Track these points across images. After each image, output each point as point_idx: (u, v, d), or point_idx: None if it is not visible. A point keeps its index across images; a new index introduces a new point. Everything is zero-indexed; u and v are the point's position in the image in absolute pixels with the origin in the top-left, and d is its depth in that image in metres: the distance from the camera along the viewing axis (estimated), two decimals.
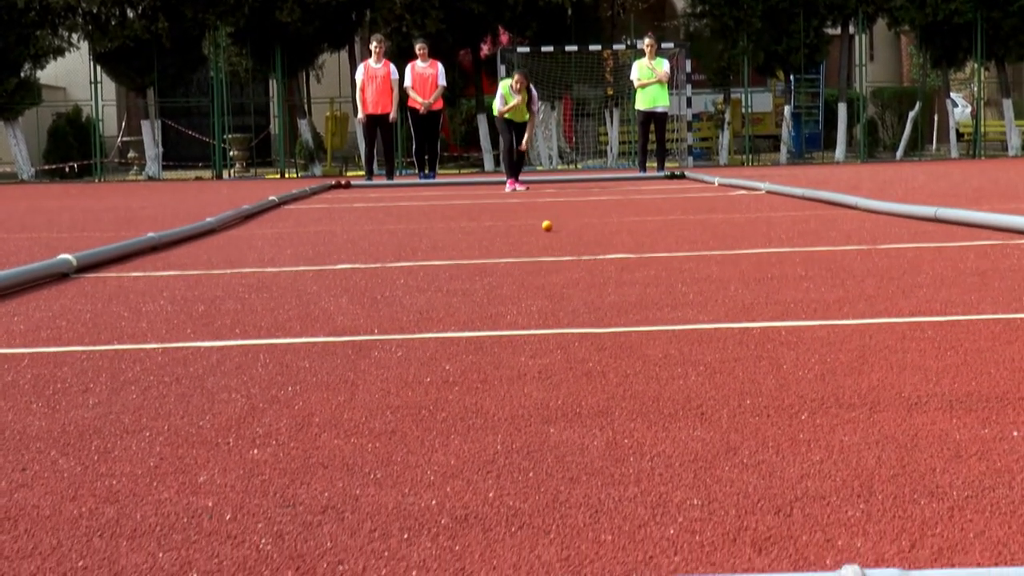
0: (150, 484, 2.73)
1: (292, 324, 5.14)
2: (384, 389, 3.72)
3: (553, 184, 20.71)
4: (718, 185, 17.98)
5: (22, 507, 2.58)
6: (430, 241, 9.34)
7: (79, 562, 2.23)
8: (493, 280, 6.53)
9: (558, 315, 5.18)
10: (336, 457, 2.92)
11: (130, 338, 4.88)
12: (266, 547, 2.28)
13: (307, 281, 6.77)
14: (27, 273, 6.70)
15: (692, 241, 8.66)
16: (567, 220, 11.34)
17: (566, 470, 2.74)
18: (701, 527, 2.31)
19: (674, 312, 5.16)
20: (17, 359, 4.44)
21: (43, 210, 15.76)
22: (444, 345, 4.49)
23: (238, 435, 3.18)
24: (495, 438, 3.06)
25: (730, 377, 3.74)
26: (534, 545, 2.25)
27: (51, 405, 3.62)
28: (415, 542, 2.29)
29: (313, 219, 12.69)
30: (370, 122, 22.24)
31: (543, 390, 3.63)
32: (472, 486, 2.64)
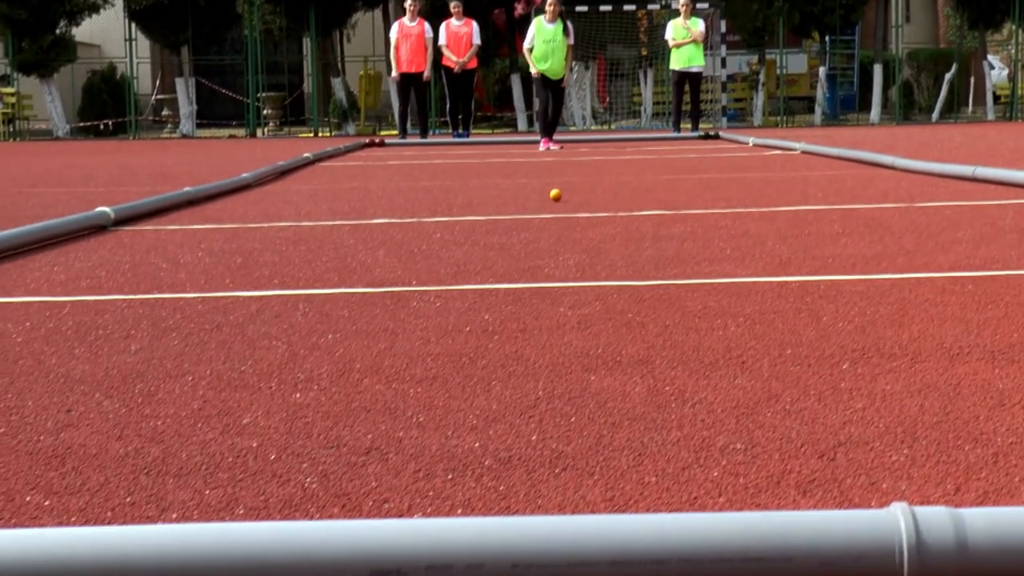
0: (194, 425, 2.75)
1: (330, 275, 5.16)
2: (424, 338, 3.73)
3: (587, 143, 20.66)
4: (753, 145, 17.91)
5: (68, 446, 2.60)
6: (465, 197, 9.34)
7: (127, 498, 2.25)
8: (529, 235, 6.53)
9: (596, 268, 5.17)
10: (378, 401, 2.93)
11: (169, 288, 4.90)
12: (311, 486, 2.30)
13: (344, 235, 6.78)
14: (66, 225, 6.73)
15: (728, 198, 8.63)
16: (602, 178, 11.32)
17: (608, 415, 2.75)
18: (745, 470, 2.32)
19: (712, 266, 5.15)
20: (58, 307, 4.47)
21: (79, 166, 15.82)
22: (482, 296, 4.50)
23: (280, 380, 3.19)
24: (536, 384, 3.07)
25: (770, 328, 3.74)
26: (578, 486, 2.25)
27: (93, 350, 3.65)
28: (459, 482, 2.30)
29: (348, 176, 12.71)
30: (404, 81, 22.22)
31: (583, 339, 3.63)
32: (515, 429, 2.65)
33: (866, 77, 35.30)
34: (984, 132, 23.36)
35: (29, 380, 3.25)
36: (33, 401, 3.01)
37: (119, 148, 23.03)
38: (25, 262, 5.76)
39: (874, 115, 32.65)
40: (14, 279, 5.20)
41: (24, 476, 2.39)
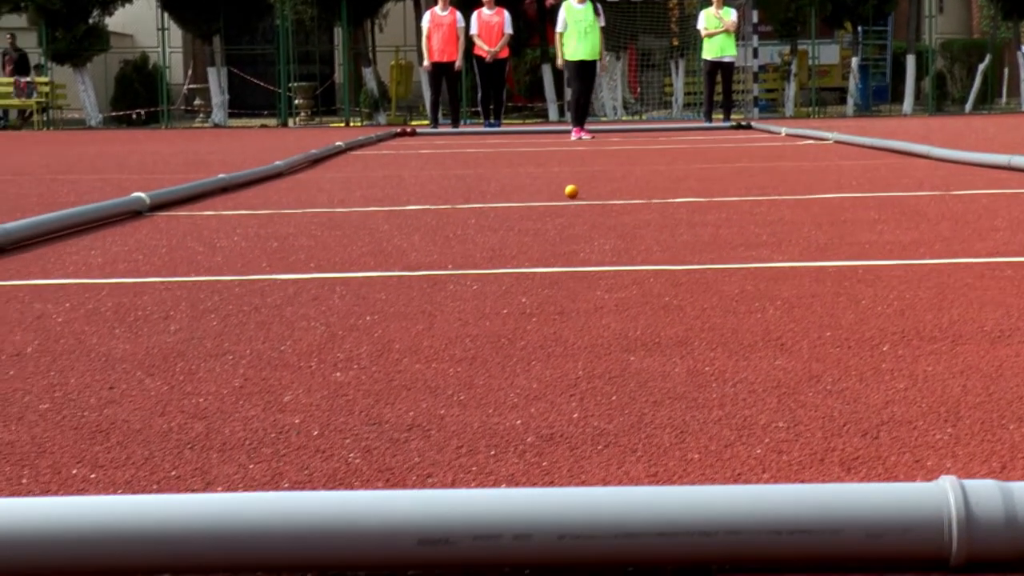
0: (236, 402, 2.76)
1: (366, 259, 5.17)
2: (462, 319, 3.73)
3: (618, 133, 20.63)
4: (785, 135, 17.85)
5: (112, 421, 2.62)
6: (498, 185, 9.34)
7: (172, 471, 2.26)
8: (563, 221, 6.53)
9: (631, 253, 5.17)
10: (418, 380, 2.94)
11: (206, 271, 4.92)
12: (355, 461, 2.31)
13: (378, 220, 6.80)
14: (102, 210, 6.76)
15: (762, 186, 8.61)
16: (634, 166, 11.31)
17: (649, 394, 2.75)
18: (788, 447, 2.31)
19: (748, 251, 5.14)
20: (97, 288, 4.49)
21: (112, 154, 15.89)
22: (519, 280, 4.50)
23: (320, 359, 3.20)
24: (576, 365, 3.07)
25: (808, 312, 3.73)
26: (621, 462, 2.25)
27: (133, 330, 3.67)
28: (502, 458, 2.30)
29: (380, 164, 12.73)
30: (435, 70, 22.23)
31: (621, 321, 3.63)
32: (556, 408, 2.65)
33: (899, 68, 35.14)
34: (1018, 123, 23.22)
35: (71, 359, 3.27)
36: (75, 379, 3.03)
37: (151, 137, 23.11)
38: (63, 246, 5.79)
39: (907, 106, 32.50)
40: (52, 262, 5.23)
41: (70, 450, 2.41)
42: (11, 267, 5.09)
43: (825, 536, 1.69)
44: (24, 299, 4.27)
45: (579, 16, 17.91)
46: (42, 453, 2.39)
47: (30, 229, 5.83)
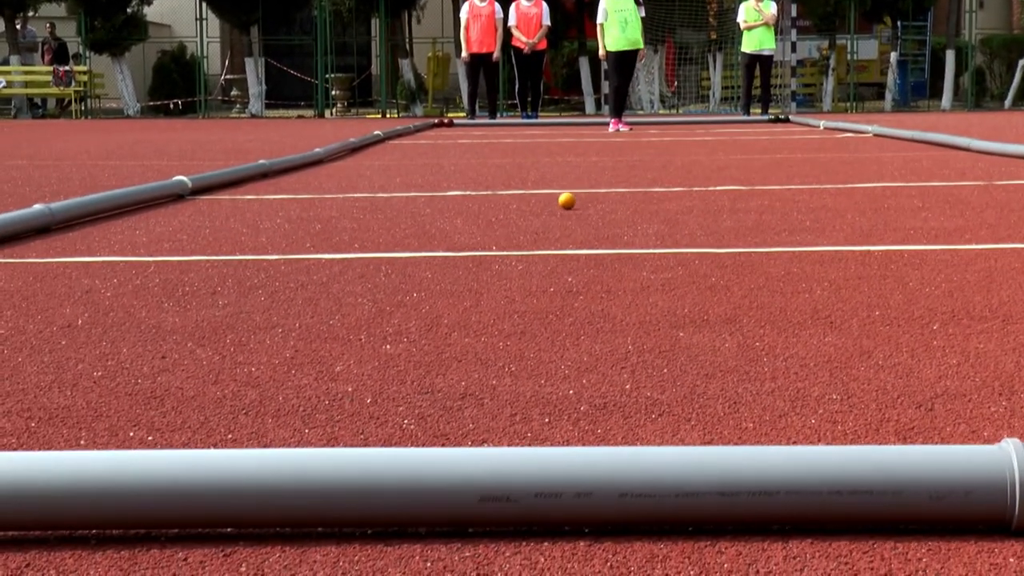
0: (288, 372, 2.78)
1: (410, 241, 5.18)
2: (508, 297, 3.74)
3: (656, 126, 20.60)
4: (824, 128, 17.78)
5: (166, 389, 2.64)
6: (538, 173, 9.34)
7: (228, 435, 2.28)
8: (606, 207, 6.53)
9: (675, 236, 5.17)
10: (468, 352, 2.95)
11: (251, 250, 4.94)
12: (409, 427, 2.32)
13: (420, 205, 6.81)
14: (145, 192, 6.80)
15: (802, 176, 8.58)
16: (673, 157, 11.29)
17: (700, 368, 2.75)
18: (842, 418, 2.31)
19: (792, 236, 5.13)
20: (143, 266, 4.52)
21: (150, 141, 15.96)
22: (564, 261, 4.51)
23: (369, 333, 3.21)
24: (625, 339, 3.07)
25: (856, 292, 3.72)
26: (676, 430, 2.26)
27: (182, 305, 3.69)
28: (556, 425, 2.31)
29: (419, 153, 12.74)
30: (473, 61, 22.22)
31: (669, 300, 3.63)
32: (608, 379, 2.65)
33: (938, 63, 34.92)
34: None
35: (121, 330, 3.29)
36: (127, 349, 3.05)
37: (189, 126, 23.18)
38: (107, 226, 5.82)
39: (945, 102, 32.31)
40: (98, 241, 5.26)
41: (126, 414, 2.43)
42: (58, 245, 5.12)
43: (886, 497, 1.68)
44: (72, 275, 4.30)
45: (620, 6, 17.79)
46: (98, 417, 2.41)
47: (76, 209, 5.86)
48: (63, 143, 15.55)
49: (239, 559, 1.66)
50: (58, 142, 15.85)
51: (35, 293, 3.91)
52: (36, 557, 1.68)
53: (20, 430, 2.32)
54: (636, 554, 1.66)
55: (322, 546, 1.71)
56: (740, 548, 1.67)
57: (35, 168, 10.51)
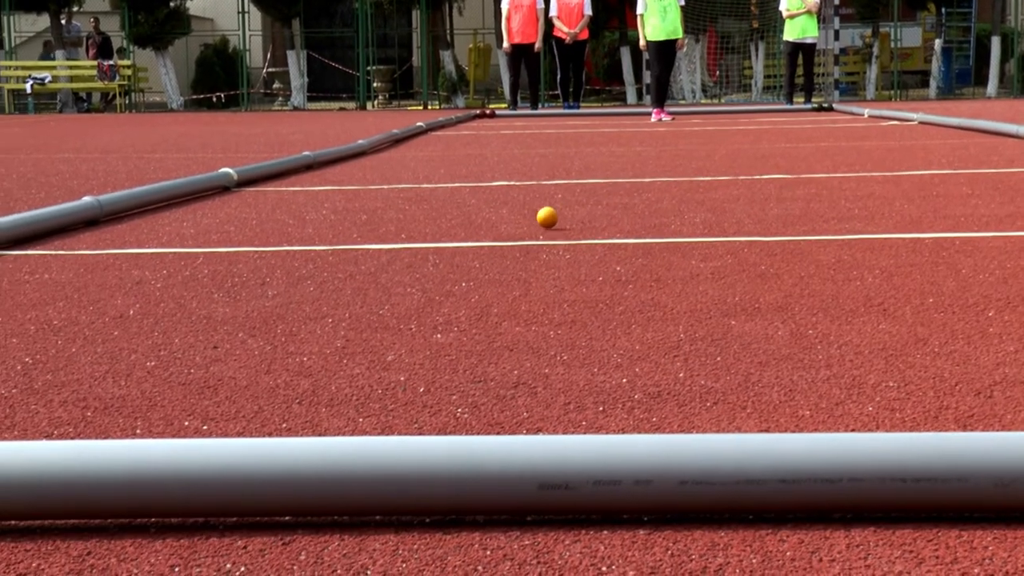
0: (340, 361, 2.78)
1: (456, 231, 5.17)
2: (558, 286, 3.73)
3: (699, 115, 20.52)
4: (868, 116, 17.67)
5: (219, 378, 2.64)
6: (582, 163, 9.32)
7: (282, 424, 2.28)
8: (651, 196, 6.50)
9: (723, 225, 5.14)
10: (520, 342, 2.94)
11: (299, 241, 4.95)
12: (463, 415, 2.31)
13: (465, 195, 6.80)
14: (192, 184, 6.82)
15: (849, 164, 8.53)
16: (717, 146, 11.24)
17: (753, 356, 2.73)
18: (900, 405, 2.29)
19: (841, 224, 5.10)
20: (192, 257, 4.53)
21: (195, 134, 16.02)
22: (612, 250, 4.49)
23: (419, 322, 3.21)
24: (677, 328, 3.05)
25: (908, 279, 3.69)
26: (732, 418, 2.24)
27: (232, 295, 3.69)
28: (611, 414, 2.29)
29: (462, 144, 12.74)
30: (515, 52, 22.19)
31: (719, 288, 3.61)
32: (660, 368, 2.64)
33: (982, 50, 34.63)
34: None
35: (172, 321, 3.30)
36: (179, 339, 3.06)
37: (232, 119, 23.26)
38: (155, 218, 5.85)
39: (991, 89, 32.05)
40: (146, 232, 5.28)
41: (180, 404, 2.43)
42: (107, 237, 5.14)
43: (951, 484, 1.67)
44: (122, 266, 4.32)
45: None
46: (153, 407, 2.42)
47: (124, 201, 5.89)
48: (109, 136, 15.63)
49: (298, 547, 1.66)
50: (104, 135, 15.94)
51: (86, 284, 3.93)
52: (97, 545, 1.68)
53: (76, 419, 2.32)
54: (697, 542, 1.65)
55: (380, 534, 1.70)
56: (802, 536, 1.66)
57: (82, 161, 10.58)
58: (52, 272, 4.20)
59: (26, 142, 14.35)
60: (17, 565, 1.62)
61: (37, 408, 2.41)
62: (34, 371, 2.73)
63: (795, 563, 1.57)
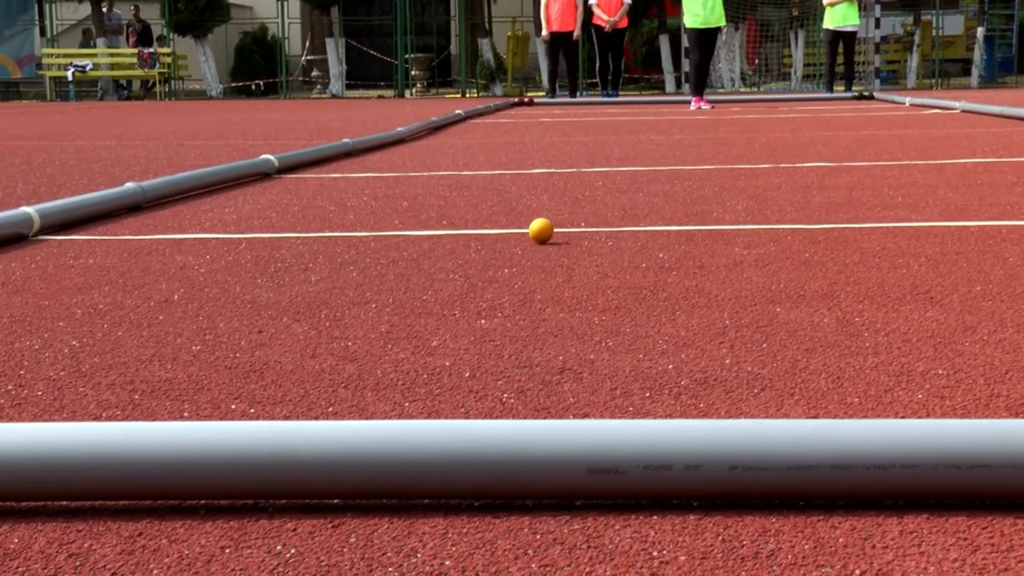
0: (385, 346, 2.78)
1: (497, 218, 5.17)
2: (601, 272, 3.72)
3: (738, 103, 20.45)
4: (909, 105, 17.56)
5: (265, 363, 2.64)
6: (621, 151, 9.30)
7: (328, 408, 2.28)
8: (692, 183, 6.48)
9: (765, 213, 5.12)
10: (564, 327, 2.93)
11: (340, 227, 4.96)
12: (509, 400, 2.31)
13: (505, 183, 6.80)
14: (233, 170, 6.84)
15: (891, 152, 8.47)
16: (757, 134, 11.19)
17: (800, 343, 2.71)
18: (950, 393, 2.27)
19: (884, 212, 5.06)
20: (235, 243, 4.54)
21: (234, 122, 16.07)
22: (654, 237, 4.48)
23: (463, 308, 3.21)
24: (722, 315, 3.04)
25: (954, 267, 3.66)
26: (780, 404, 2.23)
27: (275, 281, 3.70)
28: (657, 399, 2.29)
29: (501, 132, 12.73)
30: (554, 40, 22.15)
31: (763, 275, 3.59)
32: (706, 354, 2.63)
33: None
34: None
35: (217, 305, 3.31)
36: (224, 323, 3.07)
37: (271, 106, 23.32)
38: (197, 204, 5.87)
39: None
40: (188, 218, 5.30)
41: (226, 387, 2.44)
42: (149, 223, 5.16)
43: (1006, 471, 1.65)
44: (165, 252, 4.33)
45: None
46: (200, 390, 2.42)
47: (166, 187, 5.91)
48: (149, 123, 15.70)
49: (348, 530, 1.66)
50: (144, 123, 16.01)
51: (130, 269, 3.95)
52: (148, 526, 1.68)
53: (124, 402, 2.33)
54: (748, 528, 1.64)
55: (430, 518, 1.70)
56: (854, 523, 1.64)
57: (123, 148, 10.62)
58: (96, 257, 4.22)
59: (68, 129, 14.43)
60: (69, 545, 1.62)
61: (85, 391, 2.42)
62: (81, 354, 2.74)
63: (848, 549, 1.56)
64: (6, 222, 4.55)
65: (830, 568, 1.51)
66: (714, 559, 1.54)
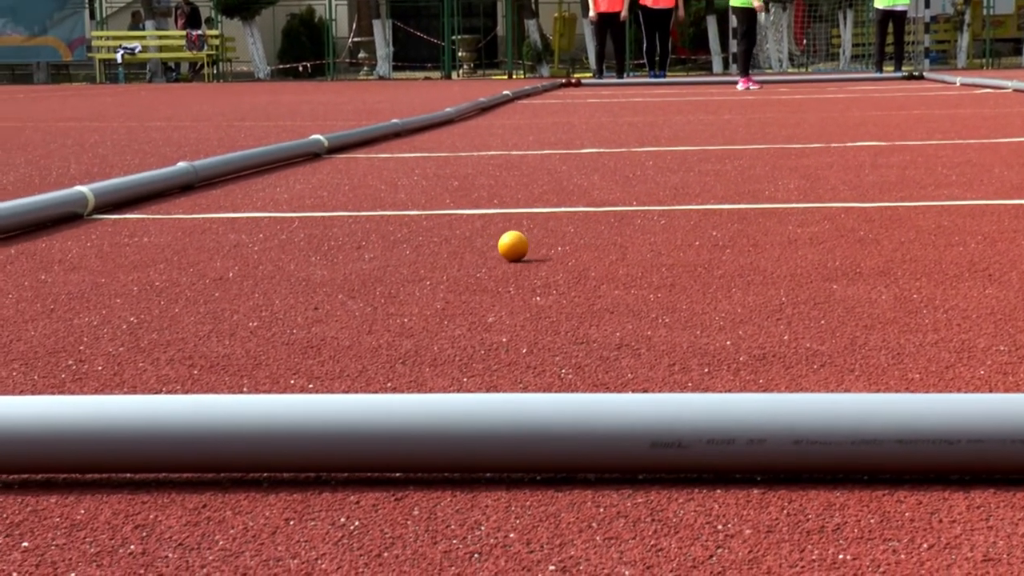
0: (441, 323, 2.78)
1: (548, 197, 5.16)
2: (654, 250, 3.71)
3: (786, 84, 20.33)
4: (960, 85, 17.41)
5: (322, 339, 2.65)
6: (671, 131, 9.27)
7: (387, 383, 2.28)
8: (743, 163, 6.45)
9: (818, 191, 5.09)
10: (620, 304, 2.93)
11: (392, 206, 4.96)
12: (567, 376, 2.30)
13: (555, 162, 6.79)
14: (284, 150, 6.86)
15: (943, 131, 8.41)
16: (806, 114, 11.13)
17: (858, 319, 2.70)
18: (1013, 369, 2.25)
19: (938, 190, 5.02)
20: (287, 222, 4.56)
21: (283, 103, 16.11)
22: (706, 216, 4.46)
23: (517, 285, 3.21)
24: (778, 291, 3.03)
25: (1012, 245, 3.62)
26: (840, 380, 2.22)
27: (329, 258, 3.71)
28: (717, 375, 2.28)
29: (548, 112, 12.71)
30: (601, 21, 22.09)
31: (818, 253, 3.57)
32: (764, 330, 2.61)
33: None
34: None
35: (272, 283, 3.32)
36: (279, 300, 3.08)
37: (319, 88, 23.37)
38: (248, 184, 5.89)
39: None
40: (240, 198, 5.32)
41: (284, 363, 2.45)
42: (202, 202, 5.19)
43: None
44: (218, 230, 4.35)
45: None
46: (258, 365, 2.43)
47: (218, 167, 5.93)
48: (198, 105, 15.77)
49: (411, 503, 1.66)
50: (193, 104, 16.08)
51: (185, 247, 3.97)
52: (212, 498, 1.69)
53: (184, 377, 2.34)
54: (812, 502, 1.63)
55: (492, 491, 1.70)
56: (920, 497, 1.63)
57: (173, 129, 10.67)
58: (151, 235, 4.24)
59: (118, 110, 14.51)
60: (135, 516, 1.63)
61: (145, 366, 2.44)
62: (140, 330, 2.76)
63: (914, 523, 1.55)
64: (61, 201, 4.58)
65: (897, 542, 1.50)
66: (779, 532, 1.53)
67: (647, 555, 1.48)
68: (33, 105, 16.64)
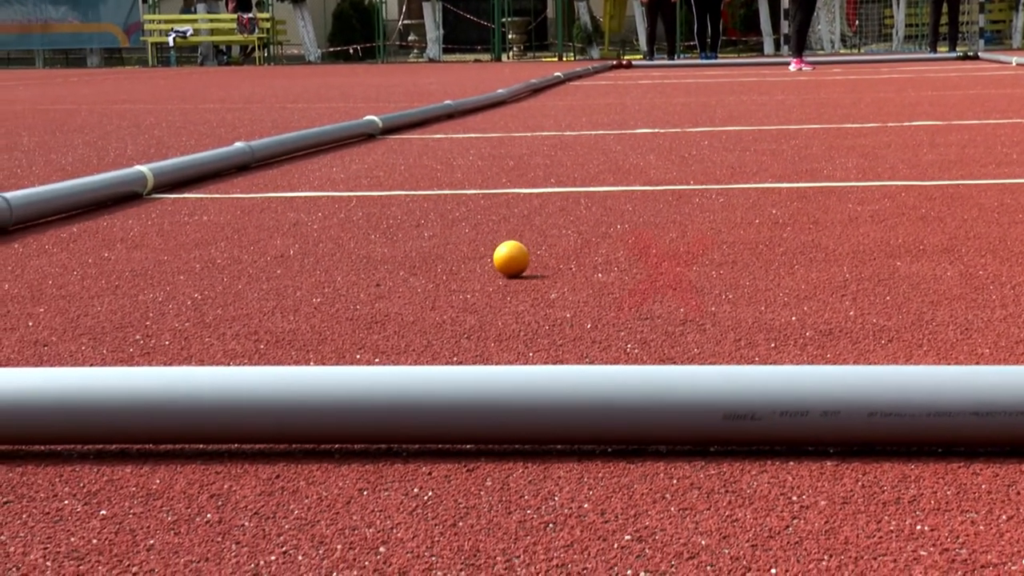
0: (503, 299, 2.78)
1: (605, 176, 5.15)
2: (714, 228, 3.69)
3: (839, 65, 20.19)
4: (1016, 65, 17.23)
5: (385, 314, 2.66)
6: (724, 111, 9.22)
7: (453, 358, 2.29)
8: (799, 142, 6.41)
9: (876, 170, 5.05)
10: (682, 281, 2.92)
11: (448, 185, 4.97)
12: (633, 351, 2.30)
13: (609, 142, 6.77)
14: (339, 131, 6.87)
15: (1001, 111, 8.33)
16: (862, 94, 11.05)
17: (924, 295, 2.68)
18: None
19: (999, 169, 4.98)
20: (345, 200, 4.57)
21: (334, 85, 16.15)
22: (765, 194, 4.44)
23: (579, 262, 3.20)
24: (841, 268, 3.01)
25: None
26: (909, 356, 2.20)
27: (389, 236, 3.72)
28: (783, 350, 2.27)
29: (600, 93, 12.68)
30: (652, 3, 22.01)
31: (880, 231, 3.55)
32: (829, 306, 2.60)
33: None
34: None
35: (333, 260, 3.33)
36: (341, 277, 3.09)
37: (369, 70, 23.40)
38: (304, 164, 5.90)
39: None
40: (297, 177, 5.34)
41: (349, 338, 2.45)
42: (259, 182, 5.21)
43: None
44: (277, 209, 4.37)
45: None
46: (323, 340, 2.44)
47: (274, 147, 5.95)
48: (250, 87, 15.83)
49: (483, 474, 1.67)
50: (245, 86, 16.14)
51: (244, 226, 3.98)
52: (285, 469, 1.70)
53: (250, 352, 2.36)
54: (887, 474, 1.62)
55: (564, 462, 1.70)
56: (996, 469, 1.62)
57: (227, 111, 10.72)
58: (210, 214, 4.27)
59: (172, 93, 14.59)
60: (210, 486, 1.65)
61: (211, 341, 2.45)
62: (204, 306, 2.77)
63: (991, 495, 1.54)
64: (122, 181, 4.62)
65: (975, 513, 1.49)
66: (855, 504, 1.53)
67: (723, 525, 1.48)
68: (87, 88, 16.75)
